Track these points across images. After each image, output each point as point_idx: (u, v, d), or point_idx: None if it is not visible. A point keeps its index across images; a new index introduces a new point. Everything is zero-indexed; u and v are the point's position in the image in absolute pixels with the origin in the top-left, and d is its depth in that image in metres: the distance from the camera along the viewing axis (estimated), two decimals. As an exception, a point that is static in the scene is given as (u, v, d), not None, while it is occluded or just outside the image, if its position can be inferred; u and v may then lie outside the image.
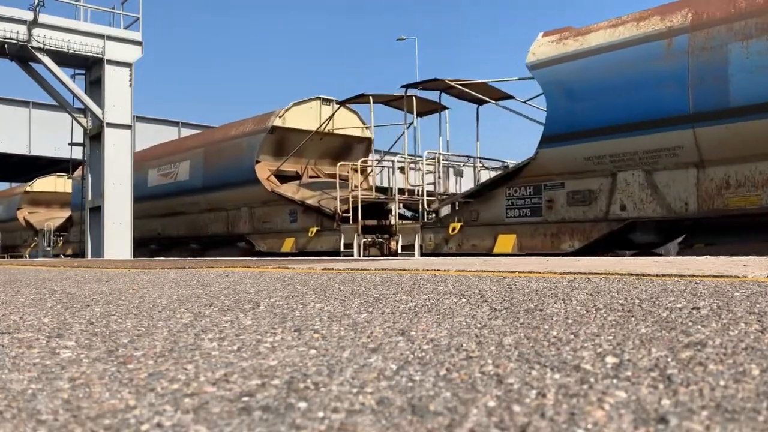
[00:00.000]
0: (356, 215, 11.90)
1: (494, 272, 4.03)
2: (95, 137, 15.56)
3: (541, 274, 3.79)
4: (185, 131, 28.38)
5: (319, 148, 15.27)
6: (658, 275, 3.42)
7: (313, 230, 13.06)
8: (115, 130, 15.06)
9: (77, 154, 17.84)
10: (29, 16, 14.30)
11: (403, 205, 12.63)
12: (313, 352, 1.61)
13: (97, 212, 15.36)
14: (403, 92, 12.54)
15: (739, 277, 3.19)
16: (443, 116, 13.23)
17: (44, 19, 14.46)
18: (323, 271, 4.70)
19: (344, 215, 12.23)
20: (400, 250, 11.43)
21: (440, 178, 12.34)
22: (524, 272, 3.95)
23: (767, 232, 7.78)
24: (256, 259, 9.96)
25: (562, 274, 3.70)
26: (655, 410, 1.03)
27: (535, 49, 9.61)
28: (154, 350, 1.68)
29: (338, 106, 14.67)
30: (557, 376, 1.28)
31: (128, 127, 15.29)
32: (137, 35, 15.58)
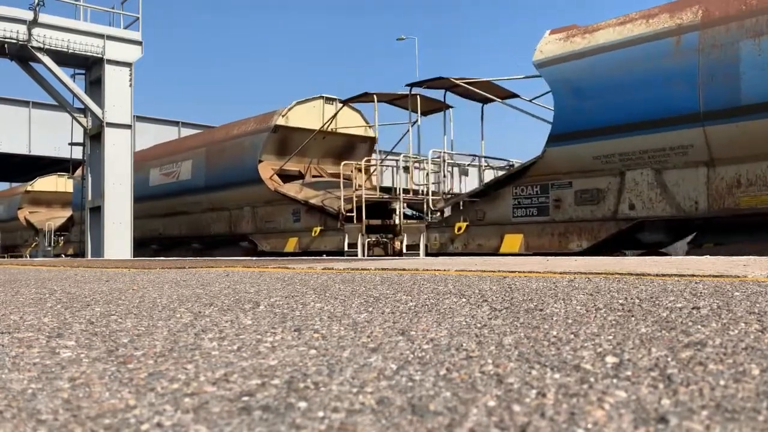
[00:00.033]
0: (360, 215, 11.82)
1: (494, 272, 4.03)
2: (95, 137, 15.57)
3: (541, 273, 3.79)
4: (185, 131, 28.39)
5: (321, 147, 15.21)
6: (658, 275, 3.42)
7: (316, 230, 13.01)
8: (115, 129, 15.06)
9: (77, 153, 17.84)
10: (29, 15, 14.30)
11: (407, 204, 12.57)
12: (313, 351, 1.61)
13: (97, 212, 15.36)
14: (406, 91, 12.48)
15: (739, 276, 3.19)
16: (447, 115, 13.16)
17: (44, 18, 14.47)
18: (323, 270, 4.69)
19: (348, 215, 12.14)
20: (405, 249, 11.34)
21: (445, 177, 12.26)
22: (524, 272, 3.95)
23: None
24: (256, 258, 9.96)
25: (562, 273, 3.70)
26: (655, 410, 1.03)
27: (542, 46, 9.51)
28: (154, 350, 1.68)
29: (342, 104, 14.59)
30: (557, 375, 1.28)
31: (128, 126, 15.30)
32: (137, 35, 15.59)
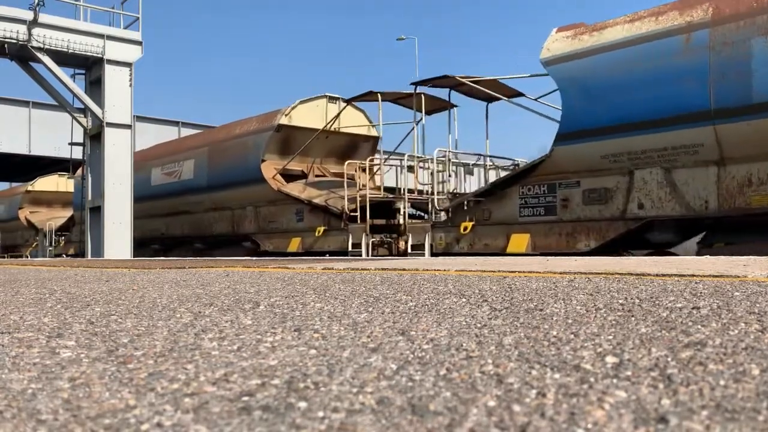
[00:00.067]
0: (364, 214, 11.75)
1: (494, 272, 4.03)
2: (95, 137, 15.57)
3: (541, 274, 3.79)
4: (185, 131, 28.40)
5: (324, 146, 15.13)
6: (658, 275, 3.42)
7: (320, 230, 12.95)
8: (115, 129, 15.06)
9: (77, 153, 17.84)
10: (29, 15, 14.30)
11: (411, 204, 12.47)
12: (313, 351, 1.61)
13: (97, 212, 15.36)
14: (410, 90, 12.38)
15: (739, 276, 3.19)
16: (452, 114, 13.04)
17: (44, 18, 14.47)
18: (323, 270, 4.69)
19: (352, 214, 12.07)
20: (410, 249, 11.24)
21: (451, 176, 12.16)
22: (524, 272, 3.95)
23: None
24: (255, 258, 9.96)
25: (562, 273, 3.70)
26: (655, 410, 1.03)
27: (549, 44, 9.41)
28: (154, 350, 1.68)
29: (345, 104, 14.51)
30: (557, 375, 1.28)
31: (128, 126, 15.30)
32: (137, 35, 15.59)
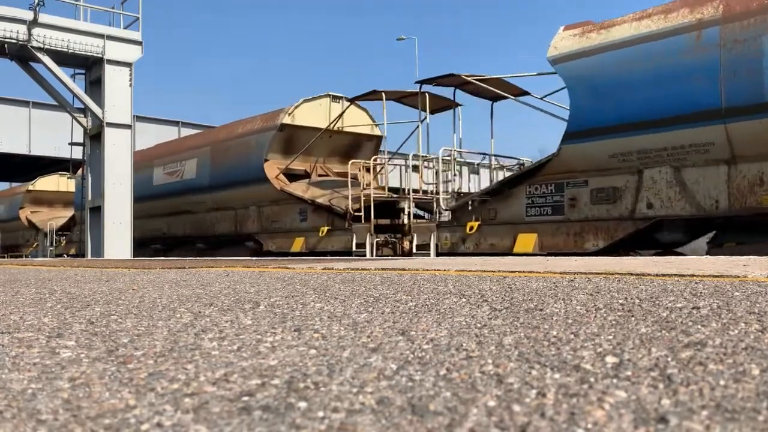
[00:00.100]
0: (369, 214, 11.66)
1: (494, 272, 4.03)
2: (95, 137, 15.57)
3: (541, 274, 3.79)
4: (185, 131, 28.41)
5: (327, 146, 15.04)
6: (658, 275, 3.42)
7: (323, 230, 12.87)
8: (115, 129, 15.06)
9: (77, 153, 17.84)
10: (29, 15, 14.30)
11: (415, 204, 12.38)
12: (313, 351, 1.61)
13: (97, 212, 15.36)
14: (413, 89, 12.31)
15: (739, 276, 3.19)
16: (456, 113, 12.90)
17: (44, 18, 14.47)
18: (323, 270, 4.69)
19: (356, 214, 12.00)
20: (415, 249, 11.14)
21: (456, 175, 12.07)
22: (524, 272, 3.95)
23: None
24: (255, 258, 9.96)
25: (562, 273, 3.70)
26: (655, 410, 1.03)
27: (556, 42, 9.34)
28: (154, 350, 1.68)
29: (349, 103, 14.45)
30: (557, 375, 1.28)
31: (128, 126, 15.30)
32: (137, 35, 15.59)
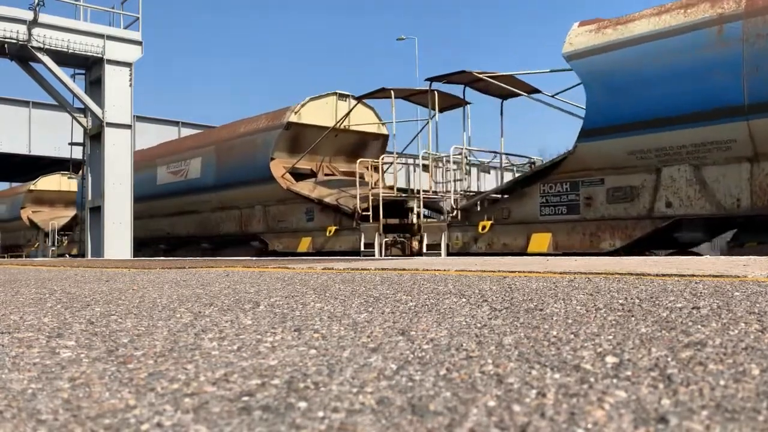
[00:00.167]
0: (377, 214, 11.53)
1: (494, 272, 4.03)
2: (95, 137, 15.58)
3: (541, 274, 3.79)
4: (185, 131, 28.42)
5: (333, 144, 14.91)
6: (658, 275, 3.42)
7: (331, 229, 12.74)
8: (115, 129, 15.06)
9: (77, 153, 17.85)
10: (29, 15, 14.31)
11: (423, 204, 12.24)
12: (313, 351, 1.61)
13: (97, 212, 15.36)
14: (420, 86, 12.21)
15: (739, 276, 3.19)
16: (466, 112, 12.70)
17: (44, 18, 14.47)
18: (323, 270, 4.69)
19: (364, 214, 11.87)
20: (425, 249, 11.01)
21: (467, 174, 11.94)
22: (524, 272, 3.95)
23: None
24: (255, 258, 9.96)
25: (562, 273, 3.70)
26: (655, 410, 1.03)
27: (572, 38, 9.20)
28: (154, 350, 1.68)
29: (356, 101, 14.34)
30: (557, 375, 1.28)
31: (128, 126, 15.30)
32: (137, 35, 15.59)
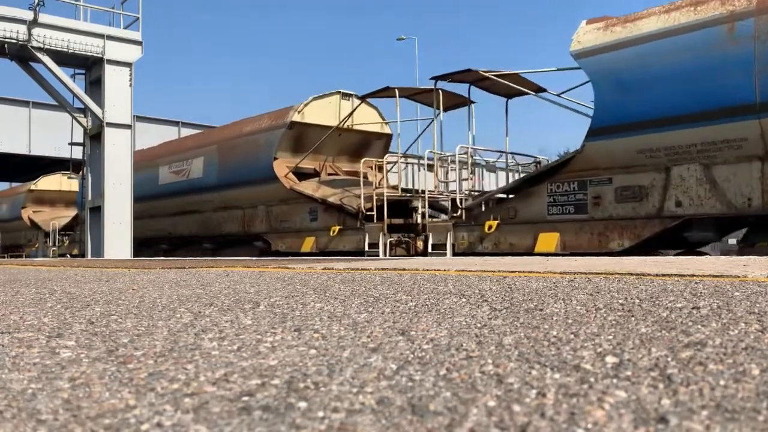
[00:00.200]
0: (381, 213, 11.46)
1: (494, 272, 4.03)
2: (95, 137, 15.58)
3: (541, 274, 3.79)
4: (185, 131, 28.43)
5: (337, 144, 14.83)
6: (658, 275, 3.42)
7: (335, 229, 12.67)
8: (115, 129, 15.06)
9: (77, 153, 17.85)
10: (29, 15, 14.31)
11: (427, 204, 12.19)
12: (313, 351, 1.61)
13: (97, 212, 15.37)
14: (420, 86, 12.15)
15: (739, 276, 3.19)
16: (470, 111, 12.56)
17: (44, 18, 14.48)
18: (323, 270, 4.69)
19: (368, 213, 11.80)
20: (430, 249, 10.93)
21: (473, 173, 11.86)
22: (524, 272, 3.95)
23: None
24: (255, 258, 9.96)
25: (562, 274, 3.70)
26: (655, 410, 1.03)
27: (579, 37, 9.14)
28: (154, 350, 1.68)
29: (360, 100, 14.28)
30: (557, 375, 1.28)
31: (128, 126, 15.30)
32: (137, 35, 15.59)
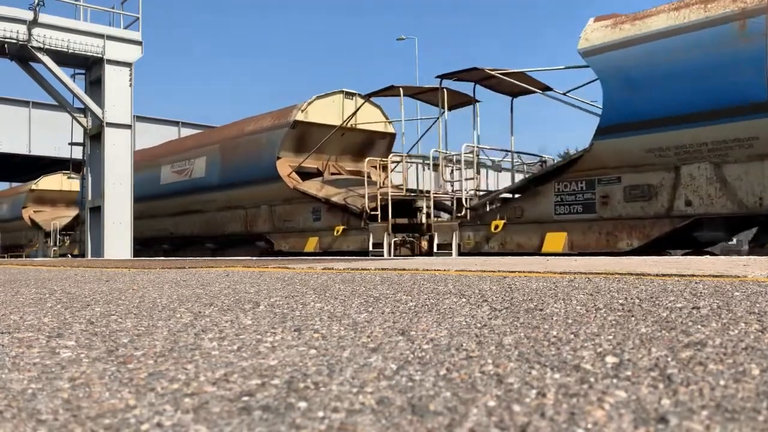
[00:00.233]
0: (386, 213, 11.42)
1: (494, 272, 4.03)
2: (95, 137, 15.57)
3: (541, 274, 3.79)
4: (185, 131, 28.42)
5: (340, 143, 14.74)
6: (658, 275, 3.42)
7: (339, 229, 12.60)
8: (115, 129, 15.06)
9: (77, 153, 17.84)
10: (29, 15, 14.31)
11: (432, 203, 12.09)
12: (313, 351, 1.61)
13: (97, 212, 15.36)
14: (427, 85, 12.09)
15: (739, 276, 3.19)
16: (475, 110, 12.46)
17: (44, 18, 14.47)
18: (323, 270, 4.69)
19: (372, 213, 11.73)
20: (435, 248, 10.86)
21: (479, 173, 11.81)
22: (524, 272, 3.95)
23: None
24: (256, 258, 9.96)
25: (562, 273, 3.70)
26: (655, 410, 1.03)
27: (587, 34, 9.07)
28: (154, 350, 1.68)
29: (364, 99, 14.19)
30: (557, 375, 1.28)
31: (128, 126, 15.29)
32: (137, 35, 15.59)
